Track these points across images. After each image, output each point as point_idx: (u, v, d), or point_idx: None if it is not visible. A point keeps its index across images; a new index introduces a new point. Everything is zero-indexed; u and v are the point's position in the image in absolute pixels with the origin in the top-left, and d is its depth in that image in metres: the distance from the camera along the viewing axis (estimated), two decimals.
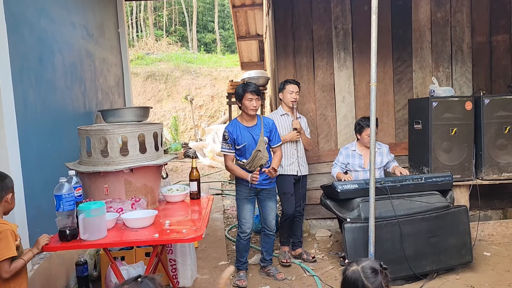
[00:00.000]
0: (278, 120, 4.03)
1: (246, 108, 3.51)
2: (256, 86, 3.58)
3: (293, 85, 4.00)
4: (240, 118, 3.62)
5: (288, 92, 3.99)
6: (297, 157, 4.01)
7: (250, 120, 3.57)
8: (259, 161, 3.49)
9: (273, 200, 3.71)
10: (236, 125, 3.57)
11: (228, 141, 3.54)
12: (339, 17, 4.69)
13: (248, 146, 3.52)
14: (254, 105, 3.49)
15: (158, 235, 2.28)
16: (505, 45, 4.77)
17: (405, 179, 3.76)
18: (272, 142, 3.64)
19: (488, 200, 4.70)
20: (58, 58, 3.46)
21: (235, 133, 3.52)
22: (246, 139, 3.51)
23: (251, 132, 3.53)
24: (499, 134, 4.17)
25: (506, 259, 3.89)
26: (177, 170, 9.94)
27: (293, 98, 3.97)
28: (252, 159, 3.50)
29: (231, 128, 3.55)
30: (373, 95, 3.05)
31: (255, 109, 3.51)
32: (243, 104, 3.52)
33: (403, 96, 4.76)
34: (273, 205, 3.70)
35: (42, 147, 3.11)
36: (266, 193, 3.66)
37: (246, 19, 9.65)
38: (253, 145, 3.51)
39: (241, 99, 3.52)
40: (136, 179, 2.68)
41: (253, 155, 3.49)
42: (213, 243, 4.56)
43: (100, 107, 4.48)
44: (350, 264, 1.66)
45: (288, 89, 4.00)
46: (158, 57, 16.90)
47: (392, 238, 3.47)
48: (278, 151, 3.70)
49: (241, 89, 3.53)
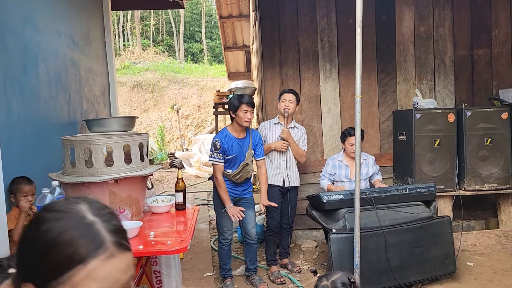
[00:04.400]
0: (271, 128, 4.05)
1: (240, 120, 3.52)
2: (251, 98, 3.61)
3: (287, 94, 4.00)
4: (231, 128, 3.63)
5: (282, 100, 3.99)
6: (286, 168, 4.00)
7: (241, 132, 3.59)
8: (246, 174, 3.56)
9: (252, 209, 3.73)
10: (227, 135, 3.58)
11: (219, 151, 3.53)
12: (324, 29, 4.75)
13: (236, 158, 3.54)
14: (249, 117, 3.52)
15: (143, 247, 2.25)
16: (486, 59, 4.89)
17: (390, 189, 3.80)
18: (257, 155, 3.68)
19: (471, 210, 4.78)
20: (43, 68, 3.43)
21: (226, 143, 3.54)
22: (236, 151, 3.54)
23: (241, 144, 3.57)
24: (480, 145, 4.26)
25: (489, 269, 3.94)
26: (162, 180, 9.86)
27: (285, 106, 3.95)
28: (239, 171, 3.54)
29: (223, 138, 3.56)
30: (358, 106, 3.09)
31: (249, 121, 3.54)
32: (237, 115, 3.53)
33: (388, 108, 4.83)
34: (251, 213, 3.71)
35: (24, 157, 3.06)
36: (245, 201, 3.69)
37: (233, 30, 9.71)
38: (241, 157, 3.55)
39: (236, 110, 3.53)
40: (120, 190, 2.65)
41: (241, 167, 3.53)
42: (198, 254, 4.52)
43: (85, 116, 4.44)
44: (320, 279, 1.68)
45: (282, 97, 4.00)
46: (145, 67, 16.85)
47: (377, 248, 3.49)
48: (262, 166, 3.72)
49: (237, 100, 3.54)
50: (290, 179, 4.02)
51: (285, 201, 4.04)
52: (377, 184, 4.06)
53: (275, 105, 4.75)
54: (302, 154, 4.08)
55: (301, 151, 4.06)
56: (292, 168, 4.05)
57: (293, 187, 4.06)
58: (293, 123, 4.09)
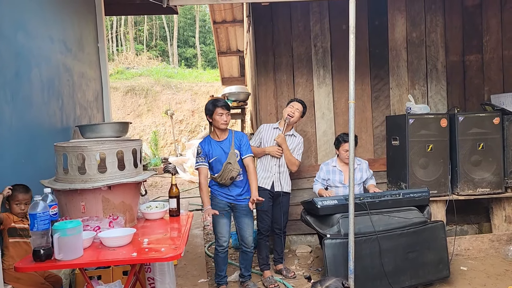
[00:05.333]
0: (269, 131, 4.09)
1: (217, 123, 3.59)
2: (226, 101, 3.66)
3: (297, 102, 4.05)
4: (212, 134, 3.72)
5: (289, 106, 4.03)
6: (278, 172, 4.00)
7: (221, 135, 3.66)
8: (229, 173, 3.57)
9: (249, 217, 3.73)
10: (208, 140, 3.68)
11: (201, 155, 3.63)
12: (318, 35, 4.78)
13: (218, 160, 3.60)
14: (225, 119, 3.57)
15: (136, 254, 2.23)
16: (478, 64, 4.93)
17: (384, 194, 3.81)
18: (242, 154, 3.65)
19: (464, 215, 4.80)
20: (35, 73, 3.41)
21: (206, 147, 3.63)
22: (217, 153, 3.60)
23: (221, 146, 3.63)
24: (473, 150, 4.29)
25: (482, 273, 3.96)
26: (156, 185, 9.82)
27: (290, 112, 3.98)
28: (222, 171, 3.58)
29: (203, 143, 3.68)
30: (352, 112, 3.10)
31: (225, 123, 3.59)
32: (214, 119, 3.60)
33: (381, 113, 4.86)
34: (249, 221, 3.72)
35: (17, 164, 3.03)
36: (241, 209, 3.69)
37: (227, 35, 9.73)
38: (223, 159, 3.60)
39: (211, 114, 3.60)
40: (114, 196, 2.64)
41: (223, 167, 3.57)
42: (192, 260, 4.50)
43: (78, 122, 4.41)
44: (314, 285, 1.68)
45: (291, 104, 4.05)
46: (138, 72, 16.81)
47: (371, 253, 3.50)
48: (250, 164, 3.66)
49: (211, 104, 3.62)
50: (283, 184, 4.02)
51: (277, 206, 4.03)
52: (371, 188, 4.07)
53: (269, 110, 4.76)
54: (294, 163, 4.07)
55: (294, 160, 4.05)
56: (284, 174, 4.05)
57: (284, 192, 4.06)
58: (292, 131, 4.11)
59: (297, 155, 4.09)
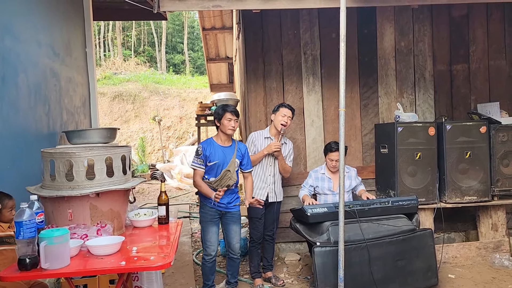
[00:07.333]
0: (260, 141, 4.05)
1: (224, 128, 3.57)
2: (235, 108, 3.66)
3: (287, 109, 3.98)
4: (216, 137, 3.68)
5: (281, 115, 3.95)
6: (271, 183, 4.00)
7: (225, 140, 3.63)
8: (227, 181, 3.54)
9: (237, 224, 3.71)
10: (211, 143, 3.64)
11: (200, 156, 3.57)
12: (308, 43, 4.80)
13: (218, 165, 3.55)
14: (233, 125, 3.56)
15: (125, 263, 2.19)
16: (464, 74, 5.01)
17: (373, 202, 3.81)
18: (244, 167, 3.70)
19: (452, 222, 4.84)
20: (22, 78, 3.35)
21: (208, 149, 3.57)
22: (219, 157, 3.56)
23: (225, 152, 3.59)
24: (460, 159, 4.33)
25: (470, 281, 3.99)
26: (143, 192, 9.72)
27: (283, 121, 3.92)
28: (220, 178, 3.53)
29: (206, 144, 3.62)
30: (342, 120, 3.11)
31: (233, 129, 3.58)
32: (221, 124, 3.58)
33: (370, 121, 4.89)
34: (237, 228, 3.69)
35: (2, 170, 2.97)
36: (230, 216, 3.66)
37: (216, 42, 9.74)
38: (224, 165, 3.56)
39: (220, 118, 3.59)
40: (102, 203, 2.59)
41: (222, 174, 3.53)
42: (180, 268, 4.44)
43: (65, 128, 4.35)
44: None
45: (282, 111, 3.96)
46: (126, 77, 16.70)
47: (360, 261, 3.49)
48: (249, 177, 3.75)
49: (221, 109, 3.61)
50: (277, 194, 4.05)
51: (269, 212, 4.03)
52: (363, 194, 4.06)
53: (258, 117, 4.75)
54: (288, 170, 4.13)
55: (288, 167, 4.10)
56: (277, 184, 4.07)
57: (278, 201, 4.10)
58: (283, 139, 4.09)
59: (289, 162, 4.13)
